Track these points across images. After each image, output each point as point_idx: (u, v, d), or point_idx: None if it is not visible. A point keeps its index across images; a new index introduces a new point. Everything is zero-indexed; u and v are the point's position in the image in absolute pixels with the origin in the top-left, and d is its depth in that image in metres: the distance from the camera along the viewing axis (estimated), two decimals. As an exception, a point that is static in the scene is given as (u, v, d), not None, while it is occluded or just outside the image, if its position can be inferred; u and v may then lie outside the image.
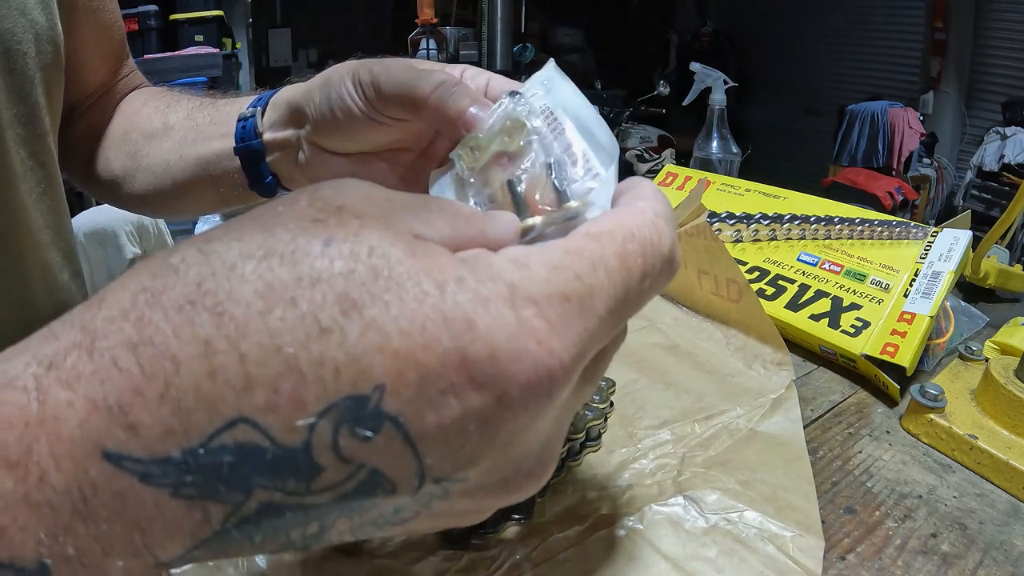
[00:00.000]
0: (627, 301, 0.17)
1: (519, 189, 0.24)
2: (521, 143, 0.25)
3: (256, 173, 0.39)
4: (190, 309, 0.14)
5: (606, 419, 0.41)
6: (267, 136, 0.38)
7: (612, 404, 0.42)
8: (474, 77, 0.32)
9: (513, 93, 0.26)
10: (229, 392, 0.14)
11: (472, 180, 0.25)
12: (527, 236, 0.21)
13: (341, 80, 0.32)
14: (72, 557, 0.14)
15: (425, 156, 0.35)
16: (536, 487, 0.18)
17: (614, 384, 0.43)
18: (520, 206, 0.23)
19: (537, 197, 0.24)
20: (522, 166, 0.24)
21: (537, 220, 0.21)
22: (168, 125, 0.46)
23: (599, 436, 0.40)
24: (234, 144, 0.39)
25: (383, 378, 0.14)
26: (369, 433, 0.14)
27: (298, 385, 0.14)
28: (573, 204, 0.22)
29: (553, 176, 0.23)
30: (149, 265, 0.15)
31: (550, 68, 0.29)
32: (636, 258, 0.17)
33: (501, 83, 0.31)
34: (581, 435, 0.38)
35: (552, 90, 0.27)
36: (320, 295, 0.14)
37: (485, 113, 0.26)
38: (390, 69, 0.30)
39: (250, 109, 0.39)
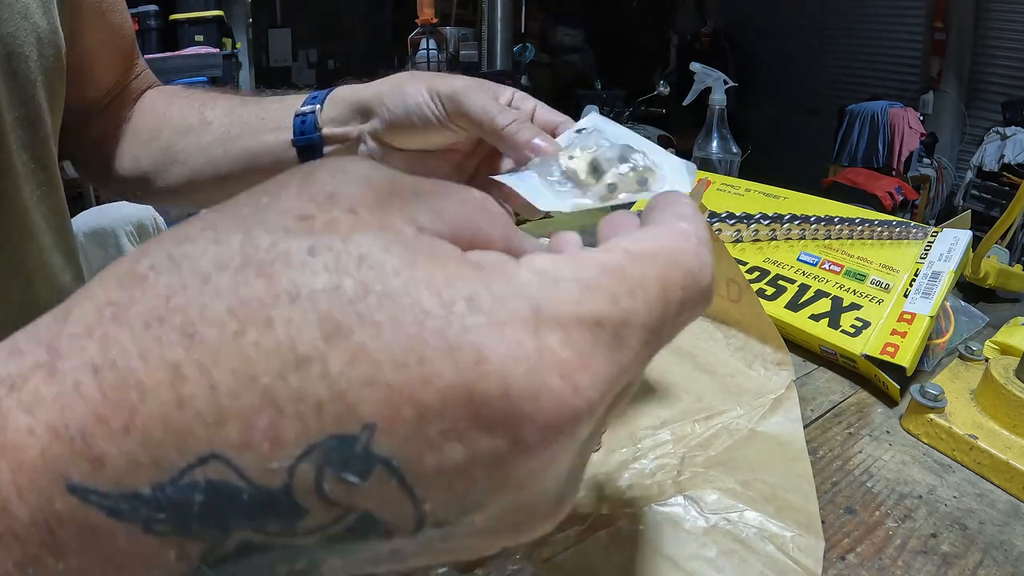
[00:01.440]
0: (661, 334, 0.15)
1: (602, 166, 0.29)
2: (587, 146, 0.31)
3: None
4: (158, 327, 0.12)
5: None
6: (326, 131, 0.42)
7: None
8: (523, 100, 0.39)
9: (580, 129, 0.35)
10: (199, 425, 0.12)
11: (553, 168, 0.32)
12: (609, 199, 0.28)
13: (418, 91, 0.38)
14: None
15: (471, 156, 0.42)
16: (550, 527, 0.16)
17: None
18: (597, 170, 0.29)
19: (604, 166, 0.29)
20: (600, 150, 0.30)
21: (616, 179, 0.28)
22: (206, 121, 0.48)
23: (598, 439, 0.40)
24: (292, 137, 0.42)
25: (373, 416, 0.12)
26: (357, 478, 0.12)
27: (275, 421, 0.12)
28: (641, 164, 0.28)
29: (632, 160, 0.29)
30: (117, 270, 0.14)
31: (595, 114, 0.37)
32: (677, 288, 0.15)
33: (545, 112, 0.38)
34: None
35: (601, 123, 0.35)
36: (299, 316, 0.12)
37: (548, 142, 0.34)
38: (469, 92, 0.37)
39: (308, 107, 0.42)
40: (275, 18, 4.07)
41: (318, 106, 0.42)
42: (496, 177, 0.34)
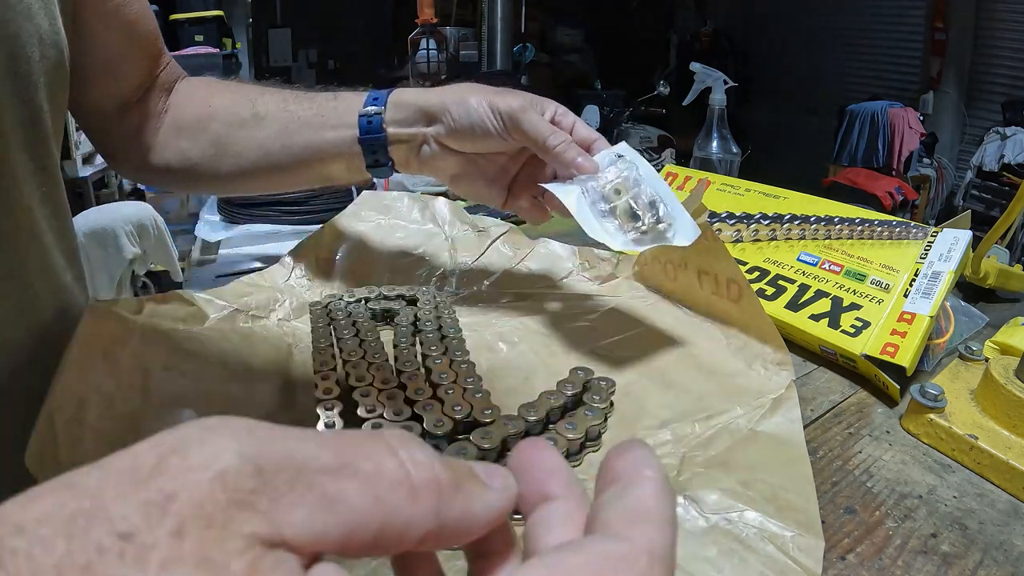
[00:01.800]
0: None
1: (635, 208, 0.43)
2: (627, 184, 0.44)
3: (375, 159, 0.49)
4: None
5: (606, 419, 0.41)
6: (391, 131, 0.48)
7: (612, 404, 0.42)
8: (564, 115, 0.47)
9: (619, 155, 0.46)
10: None
11: (591, 191, 0.44)
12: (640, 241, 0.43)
13: (480, 104, 0.45)
14: None
15: (513, 159, 0.49)
16: None
17: (614, 384, 0.43)
18: (636, 217, 0.43)
19: (639, 213, 0.43)
20: (636, 194, 0.44)
21: (648, 227, 0.43)
22: (259, 115, 0.51)
23: (599, 436, 0.40)
24: (359, 136, 0.48)
25: None
26: None
27: None
28: (661, 214, 0.44)
29: (659, 204, 0.44)
30: None
31: (626, 144, 0.48)
32: None
33: (583, 128, 0.47)
34: (581, 435, 0.38)
35: (634, 158, 0.46)
36: None
37: (589, 161, 0.44)
38: (525, 112, 0.44)
39: (373, 108, 0.48)
40: (275, 18, 4.07)
41: (383, 107, 0.48)
42: (544, 185, 0.45)
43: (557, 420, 0.40)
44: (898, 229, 0.56)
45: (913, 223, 0.56)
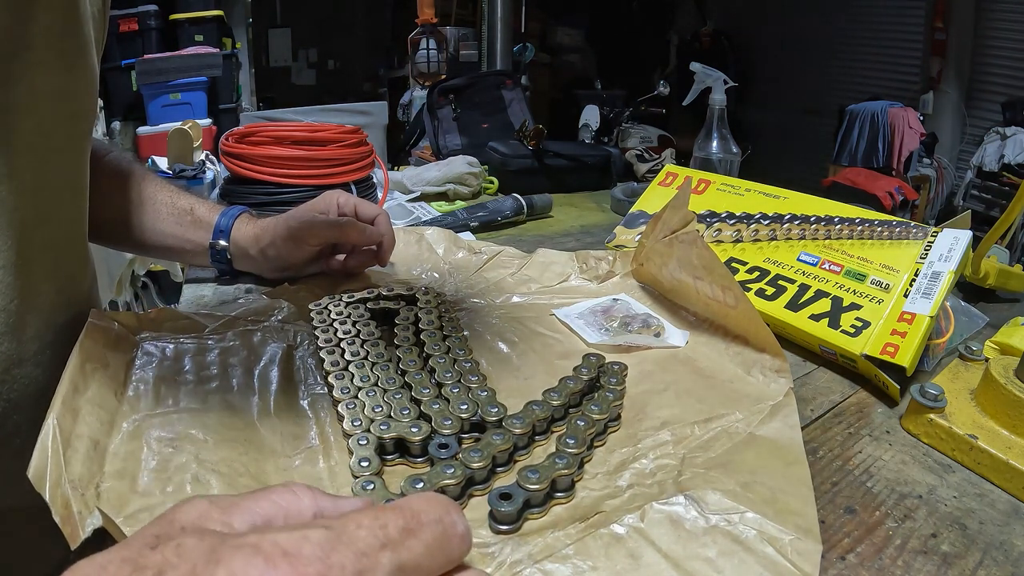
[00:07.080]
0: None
1: (629, 326, 0.53)
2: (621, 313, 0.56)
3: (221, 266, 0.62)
4: None
5: (622, 399, 0.43)
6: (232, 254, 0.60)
7: (626, 387, 0.44)
8: (346, 201, 0.61)
9: (615, 299, 0.59)
10: None
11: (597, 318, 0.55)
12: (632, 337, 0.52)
13: (275, 244, 0.58)
14: None
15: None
16: None
17: (626, 368, 0.45)
18: (626, 324, 0.53)
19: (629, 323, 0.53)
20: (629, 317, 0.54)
21: (638, 330, 0.52)
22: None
23: (619, 417, 0.41)
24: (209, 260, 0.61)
25: None
26: None
27: None
28: (653, 324, 0.53)
29: (651, 323, 0.53)
30: None
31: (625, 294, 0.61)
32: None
33: (366, 207, 0.62)
34: (607, 415, 0.40)
35: (626, 299, 0.59)
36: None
37: (372, 234, 0.60)
38: (313, 226, 0.57)
39: (222, 242, 0.60)
40: (275, 18, 4.06)
41: (228, 243, 0.60)
42: (556, 312, 0.56)
43: (578, 404, 0.42)
44: (898, 229, 0.56)
45: (913, 223, 0.56)
